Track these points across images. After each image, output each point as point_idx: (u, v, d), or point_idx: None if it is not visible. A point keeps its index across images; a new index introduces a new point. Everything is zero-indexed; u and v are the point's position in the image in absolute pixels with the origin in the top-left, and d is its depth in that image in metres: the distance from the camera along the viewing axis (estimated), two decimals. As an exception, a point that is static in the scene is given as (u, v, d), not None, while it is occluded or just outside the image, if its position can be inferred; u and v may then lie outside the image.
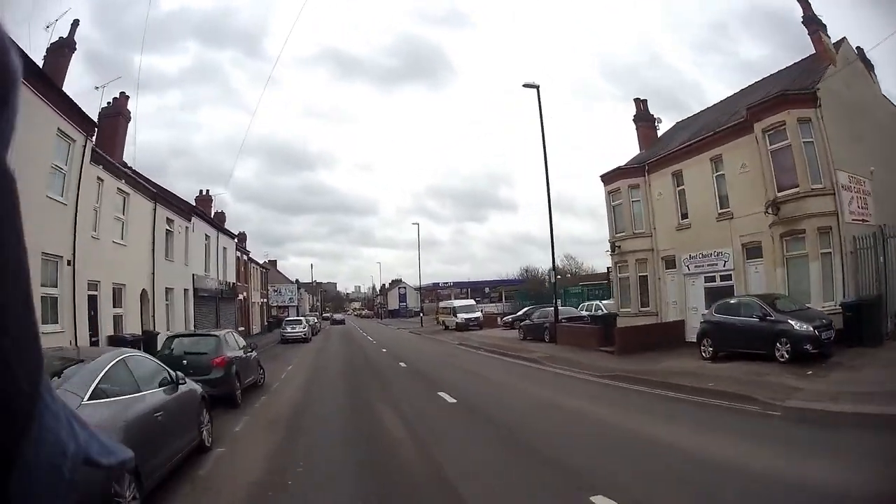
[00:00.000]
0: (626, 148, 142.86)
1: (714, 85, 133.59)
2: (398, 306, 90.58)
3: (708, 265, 19.05)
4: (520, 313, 36.47)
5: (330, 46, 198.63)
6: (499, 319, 39.83)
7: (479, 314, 40.13)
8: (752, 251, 17.20)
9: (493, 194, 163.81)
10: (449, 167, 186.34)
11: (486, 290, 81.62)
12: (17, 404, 0.46)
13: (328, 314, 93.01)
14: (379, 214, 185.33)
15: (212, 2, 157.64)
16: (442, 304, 46.20)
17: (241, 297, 37.49)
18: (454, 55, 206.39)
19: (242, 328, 37.06)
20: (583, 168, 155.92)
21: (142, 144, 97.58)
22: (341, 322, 76.95)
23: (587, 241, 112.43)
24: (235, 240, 36.44)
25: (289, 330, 34.66)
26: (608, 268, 29.04)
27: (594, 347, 18.50)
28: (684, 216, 20.48)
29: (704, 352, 14.04)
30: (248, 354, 13.06)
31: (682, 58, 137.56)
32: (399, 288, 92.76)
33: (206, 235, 28.79)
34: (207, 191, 36.60)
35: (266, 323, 49.48)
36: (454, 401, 10.68)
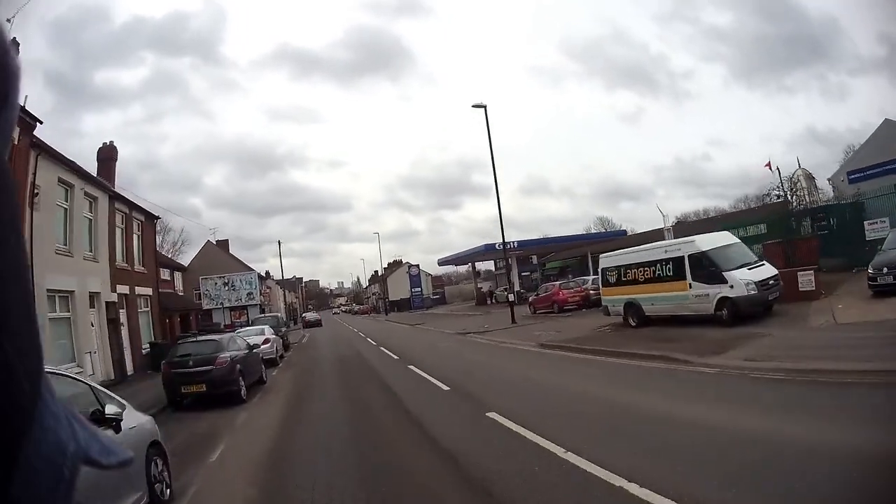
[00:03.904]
0: (595, 125, 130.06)
1: (681, 55, 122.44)
2: (409, 294, 62.65)
3: None
4: None
5: (285, 45, 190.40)
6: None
7: (773, 269, 12.78)
8: None
9: (466, 181, 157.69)
10: (419, 157, 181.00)
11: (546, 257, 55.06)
12: (17, 403, 0.46)
13: (314, 312, 66.58)
14: (353, 210, 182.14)
15: (163, 10, 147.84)
16: (646, 249, 16.17)
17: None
18: (411, 43, 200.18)
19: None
20: (553, 148, 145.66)
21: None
22: (317, 323, 52.46)
23: (561, 219, 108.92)
24: None
25: None
26: None
27: None
28: None
29: None
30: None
31: (645, 30, 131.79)
32: (409, 268, 64.69)
33: None
34: None
35: (165, 341, 21.02)
36: None
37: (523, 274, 61.84)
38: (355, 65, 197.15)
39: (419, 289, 62.05)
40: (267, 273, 73.61)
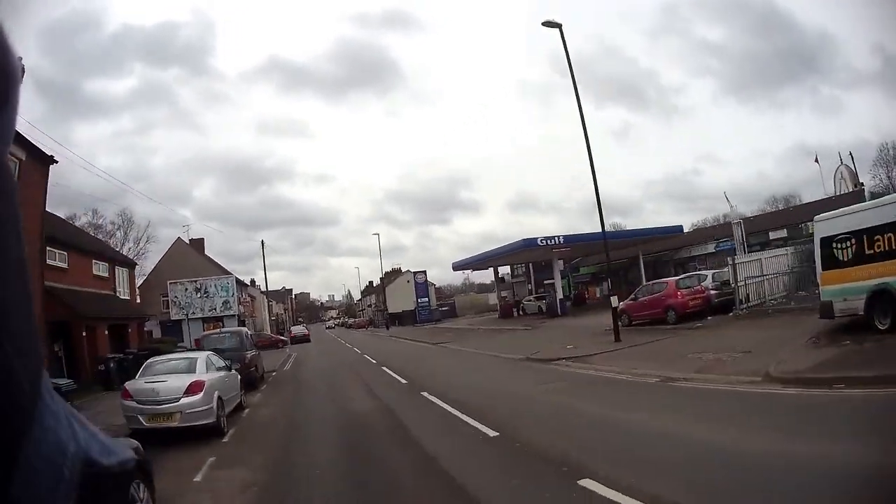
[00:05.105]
0: (584, 140, 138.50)
1: (671, 70, 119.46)
2: (414, 305, 53.64)
3: None
4: None
5: (273, 58, 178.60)
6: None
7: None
8: None
9: (454, 196, 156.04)
10: (407, 172, 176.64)
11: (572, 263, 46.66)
12: (17, 403, 0.46)
13: (301, 325, 58.02)
14: (341, 225, 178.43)
15: (152, 20, 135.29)
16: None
17: None
18: (400, 58, 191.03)
19: None
20: (541, 163, 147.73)
21: (99, 172, 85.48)
22: (304, 339, 43.62)
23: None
24: None
25: None
26: None
27: None
28: None
29: None
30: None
31: (634, 45, 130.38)
32: (415, 275, 55.69)
33: None
34: None
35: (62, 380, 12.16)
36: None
37: (546, 282, 53.49)
38: (343, 79, 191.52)
39: (426, 299, 53.08)
40: (252, 281, 64.53)
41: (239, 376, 11.66)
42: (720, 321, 15.62)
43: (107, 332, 20.40)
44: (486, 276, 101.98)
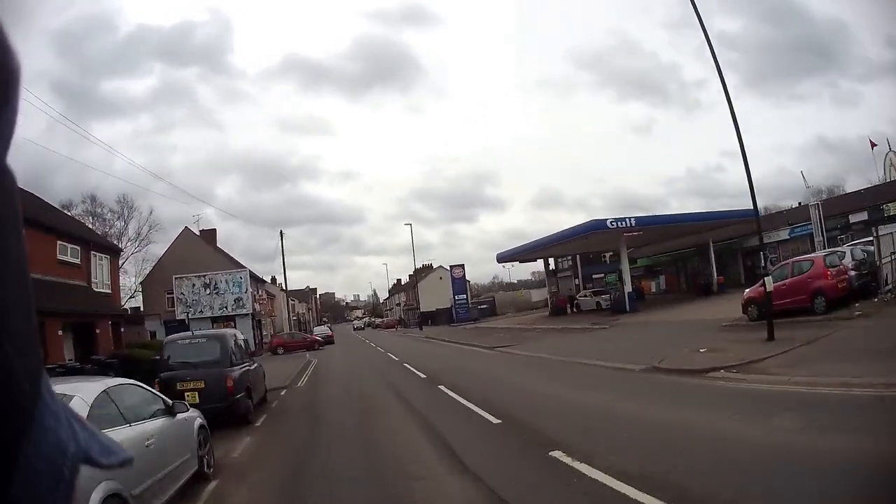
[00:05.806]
0: (608, 136, 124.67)
1: (691, 64, 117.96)
2: (451, 303, 47.95)
3: None
4: None
5: (293, 56, 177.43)
6: None
7: None
8: None
9: (480, 193, 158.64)
10: (431, 169, 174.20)
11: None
12: (17, 403, 0.46)
13: (323, 325, 52.88)
14: (367, 223, 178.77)
15: (169, 20, 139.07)
16: None
17: None
18: (421, 54, 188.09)
19: None
20: (566, 160, 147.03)
21: (122, 172, 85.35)
22: (328, 340, 38.63)
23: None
24: None
25: None
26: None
27: None
28: None
29: None
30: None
31: (654, 38, 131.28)
32: (452, 269, 49.82)
33: None
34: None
35: None
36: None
37: (595, 276, 47.50)
38: (365, 76, 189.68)
39: (464, 296, 47.18)
40: (273, 279, 59.74)
41: (199, 420, 6.10)
42: (871, 307, 12.63)
43: (60, 333, 15.20)
44: (517, 274, 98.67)
